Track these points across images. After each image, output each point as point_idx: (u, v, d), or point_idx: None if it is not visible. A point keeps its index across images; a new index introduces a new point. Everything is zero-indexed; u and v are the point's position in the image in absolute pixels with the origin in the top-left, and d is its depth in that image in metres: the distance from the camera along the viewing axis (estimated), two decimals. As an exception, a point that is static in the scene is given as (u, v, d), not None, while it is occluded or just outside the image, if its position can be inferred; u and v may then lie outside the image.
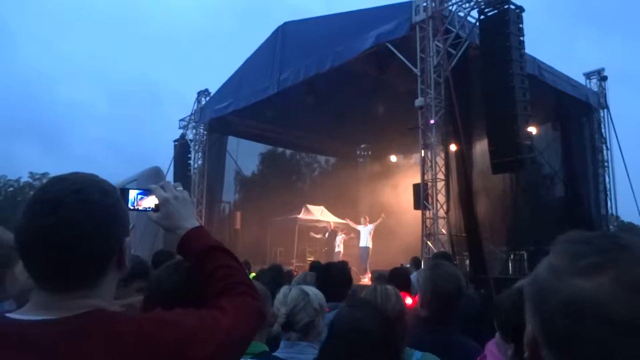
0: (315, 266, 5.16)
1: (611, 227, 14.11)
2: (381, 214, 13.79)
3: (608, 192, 13.74)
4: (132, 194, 1.30)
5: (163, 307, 1.08)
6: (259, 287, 1.36)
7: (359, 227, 13.71)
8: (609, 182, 13.77)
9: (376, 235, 14.03)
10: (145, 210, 1.30)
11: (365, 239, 13.42)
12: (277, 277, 4.03)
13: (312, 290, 2.25)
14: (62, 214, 0.94)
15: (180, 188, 1.34)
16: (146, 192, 1.30)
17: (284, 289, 2.23)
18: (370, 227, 13.56)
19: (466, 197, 9.51)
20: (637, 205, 12.64)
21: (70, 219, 0.95)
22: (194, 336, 0.98)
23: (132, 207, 1.30)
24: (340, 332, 1.54)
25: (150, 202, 1.30)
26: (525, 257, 9.73)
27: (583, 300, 0.63)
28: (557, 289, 0.66)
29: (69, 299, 0.95)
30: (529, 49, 9.07)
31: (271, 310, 2.00)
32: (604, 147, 13.83)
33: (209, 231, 1.35)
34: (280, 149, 20.06)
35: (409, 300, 2.78)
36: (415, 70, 9.78)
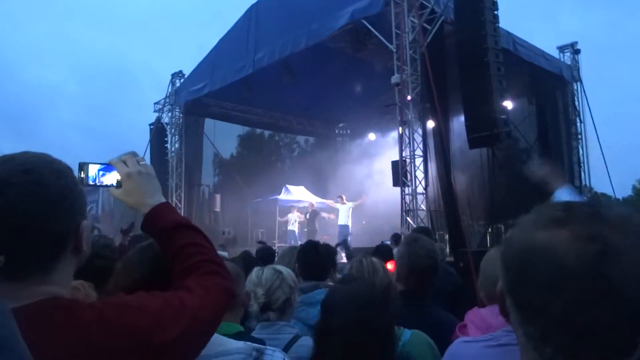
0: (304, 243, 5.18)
1: (584, 198, 14.43)
2: (362, 196, 13.84)
3: (581, 165, 14.00)
4: (93, 169, 1.23)
5: (132, 292, 1.04)
6: (230, 266, 1.33)
7: (337, 206, 13.76)
8: (583, 154, 14.02)
9: (356, 214, 14.10)
10: (107, 186, 1.24)
11: (344, 218, 13.47)
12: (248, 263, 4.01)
13: (283, 268, 2.24)
14: (10, 196, 0.89)
15: (145, 162, 1.27)
16: (109, 167, 1.24)
17: (255, 271, 2.21)
18: (349, 205, 13.60)
19: (444, 173, 9.58)
20: (609, 177, 12.95)
21: (19, 201, 0.89)
22: (158, 319, 0.95)
23: (92, 183, 1.23)
24: (335, 307, 1.51)
25: (113, 178, 1.23)
26: (503, 230, 9.91)
27: (536, 247, 0.66)
28: (518, 239, 0.70)
29: (23, 287, 0.90)
30: (507, 23, 9.08)
31: (244, 289, 1.98)
32: (578, 120, 14.04)
33: (189, 215, 1.30)
34: (258, 130, 19.89)
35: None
36: (390, 46, 9.72)
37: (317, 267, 2.94)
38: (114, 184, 1.23)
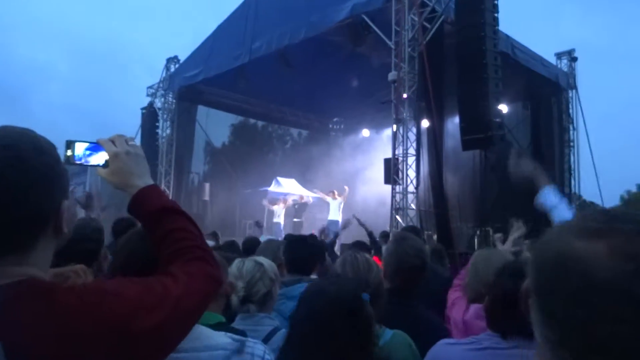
0: (288, 238, 5.15)
1: (573, 205, 14.57)
2: (345, 188, 13.87)
3: (572, 172, 14.11)
4: (80, 147, 1.20)
5: (136, 275, 1.03)
6: (215, 255, 1.31)
7: (328, 200, 13.75)
8: (574, 161, 14.13)
9: (347, 210, 14.09)
10: (94, 166, 1.21)
11: (335, 213, 13.47)
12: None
13: (265, 261, 2.23)
14: None
15: (133, 142, 1.24)
16: (96, 147, 1.20)
17: (236, 262, 2.19)
18: (340, 200, 13.59)
19: (436, 173, 9.61)
20: (598, 186, 13.06)
21: None
22: (140, 306, 0.92)
23: (79, 162, 1.20)
24: (307, 301, 1.48)
25: (101, 158, 1.20)
26: (491, 233, 9.95)
27: (571, 255, 0.66)
28: (554, 243, 0.70)
29: None
30: (506, 26, 9.09)
31: (226, 278, 1.96)
32: (571, 127, 14.14)
33: (177, 201, 1.28)
34: (251, 120, 19.79)
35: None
36: (389, 43, 9.70)
37: (302, 261, 2.93)
38: (101, 164, 1.20)
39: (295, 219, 15.79)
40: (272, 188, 16.13)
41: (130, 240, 1.31)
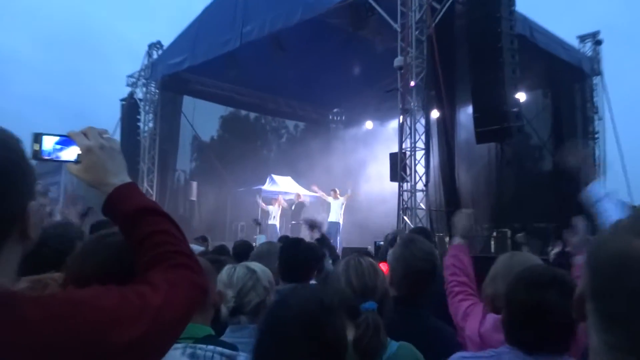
0: (283, 241, 5.14)
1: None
2: (348, 190, 13.89)
3: (597, 166, 14.10)
4: (49, 141, 1.19)
5: (86, 286, 1.01)
6: (201, 261, 1.30)
7: (329, 200, 13.76)
8: (599, 155, 14.13)
9: (349, 210, 14.12)
10: (65, 162, 1.19)
11: (336, 214, 13.49)
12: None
13: (258, 267, 2.22)
14: None
15: (108, 135, 1.23)
16: (67, 141, 1.19)
17: (227, 269, 2.18)
18: (342, 200, 13.60)
19: (448, 169, 9.62)
20: (626, 181, 13.06)
21: None
22: (116, 317, 0.91)
23: (47, 158, 1.18)
24: (269, 312, 1.45)
25: (72, 153, 1.19)
26: (509, 235, 9.96)
27: (632, 255, 0.69)
28: (611, 243, 0.73)
29: None
30: (524, 6, 9.09)
31: (214, 287, 1.95)
32: (596, 117, 14.13)
33: (160, 202, 1.28)
34: (243, 112, 19.78)
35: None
36: (395, 25, 9.69)
37: (298, 267, 2.92)
38: (73, 160, 1.19)
39: (292, 222, 15.81)
40: (267, 187, 16.16)
41: (85, 247, 1.28)
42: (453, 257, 2.65)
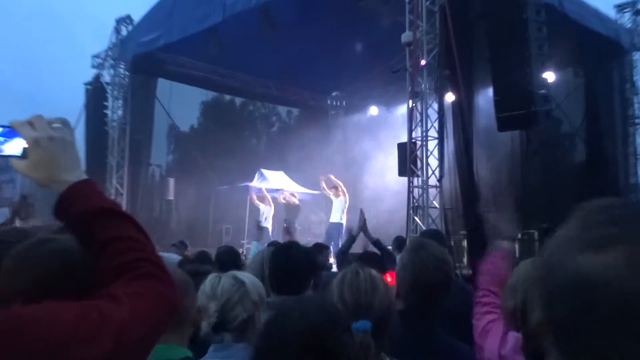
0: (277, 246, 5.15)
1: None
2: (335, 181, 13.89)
3: (638, 156, 14.11)
4: None
5: (25, 301, 1.01)
6: (174, 272, 1.30)
7: (331, 197, 13.73)
8: (641, 143, 14.15)
9: (351, 209, 14.09)
10: (8, 157, 1.18)
11: (338, 214, 13.42)
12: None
13: (248, 278, 2.22)
14: None
15: (59, 125, 1.21)
16: (10, 132, 1.17)
17: (211, 279, 2.18)
18: (345, 199, 13.54)
19: (465, 161, 9.61)
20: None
21: None
22: (73, 336, 0.92)
23: None
24: (265, 330, 1.45)
25: (17, 146, 1.17)
26: (536, 236, 9.95)
27: (592, 277, 0.67)
28: (564, 264, 0.71)
29: None
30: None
31: (195, 302, 1.95)
32: (636, 99, 14.13)
33: (132, 203, 1.27)
34: (227, 97, 19.78)
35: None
36: (402, -6, 9.70)
37: (290, 277, 2.93)
38: (18, 154, 1.18)
39: (285, 224, 15.81)
40: (255, 183, 16.12)
41: (19, 253, 1.24)
42: (492, 264, 2.65)
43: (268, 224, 14.23)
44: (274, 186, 16.12)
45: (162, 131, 17.27)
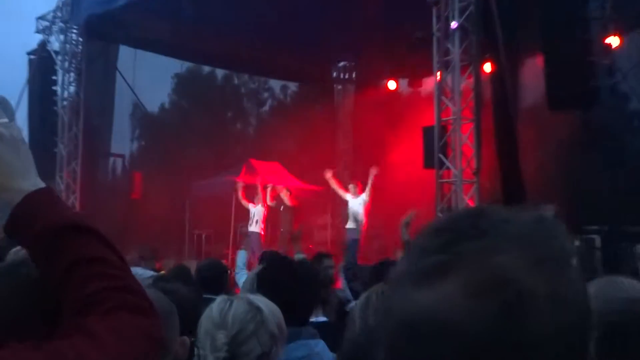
0: (268, 260, 5.13)
1: None
2: (370, 170, 13.72)
3: None
4: None
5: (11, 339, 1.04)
6: (157, 300, 1.34)
7: (348, 197, 13.67)
8: None
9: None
10: None
11: (355, 217, 13.35)
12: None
13: (265, 304, 2.22)
14: None
15: (6, 120, 1.21)
16: None
17: (219, 302, 2.18)
18: (363, 197, 13.45)
19: (507, 149, 9.60)
20: None
21: None
22: None
23: None
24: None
25: None
26: (597, 243, 9.95)
27: (427, 318, 0.68)
28: (400, 303, 0.72)
29: None
30: None
31: (177, 334, 1.99)
32: None
33: (87, 204, 1.30)
34: (206, 69, 19.70)
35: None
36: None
37: (290, 302, 2.93)
38: None
39: (281, 229, 15.77)
40: (243, 178, 16.10)
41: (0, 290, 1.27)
42: None
43: (257, 227, 14.24)
44: (267, 181, 16.13)
45: (125, 112, 17.23)
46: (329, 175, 14.02)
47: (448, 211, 9.62)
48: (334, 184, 13.93)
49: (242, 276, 6.41)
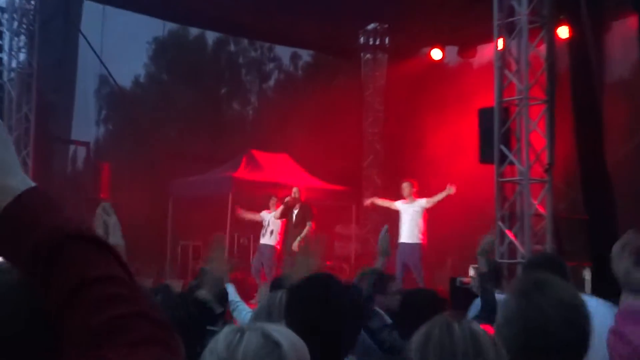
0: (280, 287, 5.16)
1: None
2: (447, 186, 13.46)
3: None
4: None
5: None
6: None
7: (398, 205, 13.60)
8: None
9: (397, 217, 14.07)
10: None
11: (411, 227, 13.20)
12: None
13: (285, 337, 2.22)
14: None
15: None
16: None
17: (227, 333, 2.19)
18: (422, 204, 13.31)
19: (590, 137, 9.60)
20: None
21: None
22: None
23: None
24: None
25: None
26: None
27: None
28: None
29: None
30: None
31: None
32: None
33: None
34: (194, 31, 19.82)
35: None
36: None
37: (327, 341, 2.95)
38: None
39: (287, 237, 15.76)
40: (242, 172, 16.15)
41: None
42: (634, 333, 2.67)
43: (272, 240, 14.20)
44: (271, 178, 16.18)
45: (90, 87, 17.34)
46: (368, 202, 14.03)
47: (511, 220, 9.62)
48: (380, 202, 13.85)
49: (242, 310, 6.41)
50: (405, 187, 13.03)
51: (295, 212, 14.02)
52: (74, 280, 1.15)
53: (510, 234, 9.55)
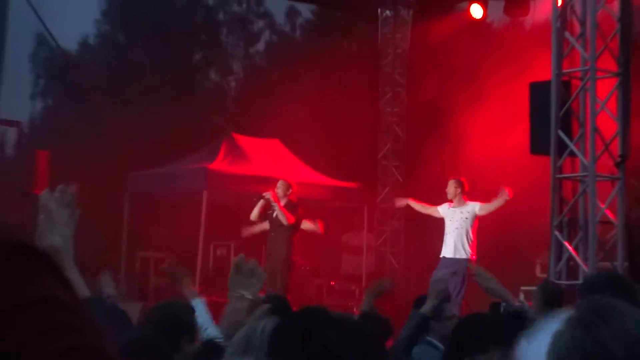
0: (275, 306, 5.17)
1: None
2: (501, 190, 13.32)
3: None
4: None
5: None
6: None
7: (442, 211, 13.52)
8: None
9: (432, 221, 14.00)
10: None
11: (458, 237, 13.09)
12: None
13: None
14: None
15: None
16: None
17: None
18: (474, 209, 13.19)
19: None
20: None
21: None
22: None
23: None
24: None
25: None
26: None
27: None
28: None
29: None
30: None
31: None
32: None
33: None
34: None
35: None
36: None
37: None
38: None
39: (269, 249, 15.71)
40: (219, 163, 16.17)
41: None
42: None
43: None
44: (259, 171, 16.21)
45: (24, 51, 17.41)
46: (403, 202, 13.82)
47: (570, 229, 9.63)
48: (416, 205, 13.64)
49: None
50: (452, 186, 12.77)
51: (275, 213, 13.79)
52: (16, 303, 1.15)
53: (569, 247, 9.57)
